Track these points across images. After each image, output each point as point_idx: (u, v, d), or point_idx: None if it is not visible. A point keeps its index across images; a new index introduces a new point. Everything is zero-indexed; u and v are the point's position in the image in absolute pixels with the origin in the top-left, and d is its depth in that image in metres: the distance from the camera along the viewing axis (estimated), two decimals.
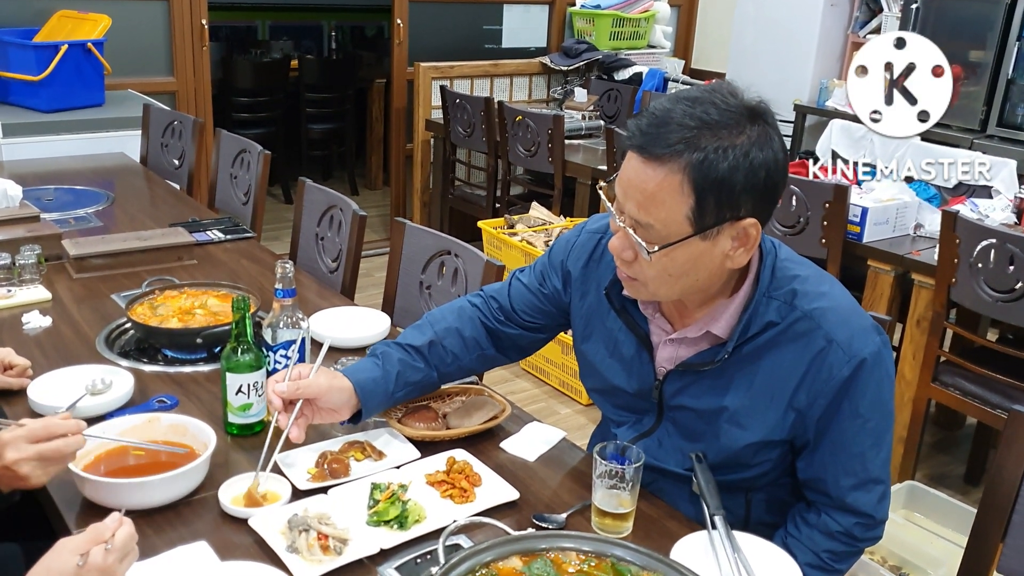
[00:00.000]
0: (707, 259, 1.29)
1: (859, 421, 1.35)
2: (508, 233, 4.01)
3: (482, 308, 1.65)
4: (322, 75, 6.17)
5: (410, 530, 1.34)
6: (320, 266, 2.64)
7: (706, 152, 1.21)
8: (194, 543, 1.30)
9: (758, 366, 1.37)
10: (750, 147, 1.22)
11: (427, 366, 1.58)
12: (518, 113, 4.39)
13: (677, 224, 1.25)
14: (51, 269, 2.29)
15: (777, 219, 3.20)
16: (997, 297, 2.64)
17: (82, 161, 3.49)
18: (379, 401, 1.53)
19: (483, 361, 1.66)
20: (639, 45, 5.66)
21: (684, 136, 1.21)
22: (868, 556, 2.60)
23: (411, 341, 1.59)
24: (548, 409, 3.58)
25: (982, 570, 1.47)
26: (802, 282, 1.36)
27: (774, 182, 1.26)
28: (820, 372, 1.33)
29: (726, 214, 1.25)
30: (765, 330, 1.35)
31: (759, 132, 1.24)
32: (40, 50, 3.64)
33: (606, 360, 1.52)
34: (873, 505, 1.39)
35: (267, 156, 3.06)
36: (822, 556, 1.40)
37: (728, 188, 1.22)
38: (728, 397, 1.39)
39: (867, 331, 1.34)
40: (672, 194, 1.23)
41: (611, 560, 1.18)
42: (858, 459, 1.37)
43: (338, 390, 1.47)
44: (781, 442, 1.40)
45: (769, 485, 1.47)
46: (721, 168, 1.21)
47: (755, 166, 1.23)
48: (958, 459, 3.41)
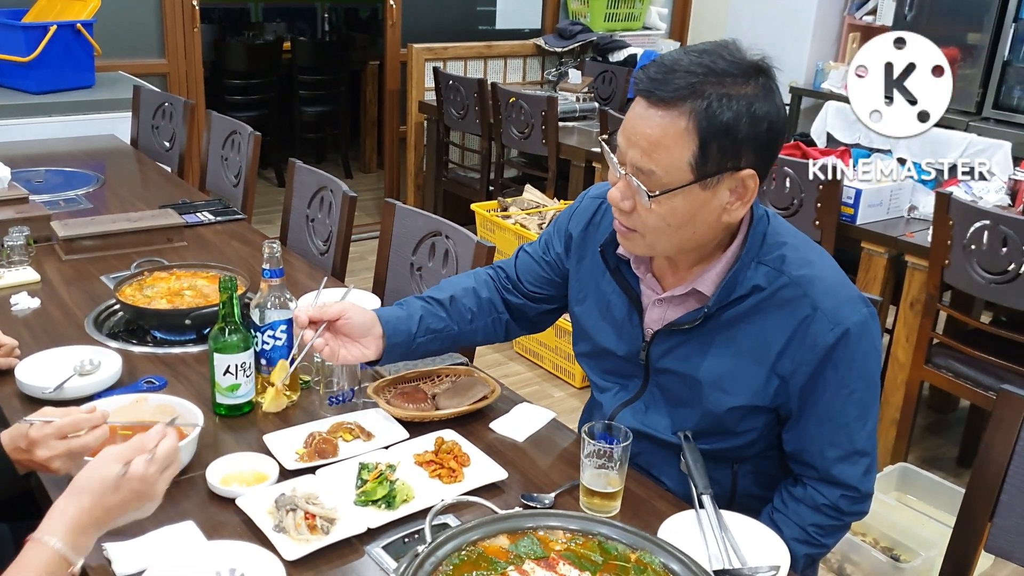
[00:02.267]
0: (705, 210, 1.30)
1: (845, 392, 1.35)
2: (502, 216, 3.99)
3: (494, 276, 1.68)
4: (315, 57, 6.13)
5: (398, 510, 1.34)
6: (311, 248, 2.63)
7: (711, 99, 1.23)
8: (181, 523, 1.30)
9: (743, 330, 1.38)
10: (754, 98, 1.24)
11: (448, 318, 1.60)
12: (512, 95, 4.37)
13: (679, 170, 1.26)
14: (40, 251, 2.28)
15: (771, 201, 3.20)
16: (990, 279, 2.64)
17: (72, 143, 3.47)
18: (402, 340, 1.53)
19: (497, 325, 1.67)
20: (634, 27, 5.63)
21: (691, 82, 1.23)
22: (860, 538, 2.61)
23: (432, 295, 1.62)
24: (541, 392, 3.58)
25: (970, 550, 1.47)
26: (791, 249, 1.37)
27: (775, 135, 1.28)
28: (805, 339, 1.34)
29: (727, 163, 1.26)
30: (752, 294, 1.36)
31: (763, 85, 1.26)
32: (29, 31, 3.61)
33: (599, 323, 1.54)
34: (859, 477, 1.39)
35: (258, 138, 3.04)
36: (809, 530, 1.41)
37: (731, 136, 1.24)
38: (713, 360, 1.40)
39: (854, 301, 1.34)
40: (676, 139, 1.24)
41: (598, 539, 1.17)
42: (844, 430, 1.37)
43: (361, 311, 1.50)
44: (765, 409, 1.40)
45: (755, 456, 1.48)
46: (725, 116, 1.23)
47: (758, 116, 1.25)
48: (951, 441, 3.42)
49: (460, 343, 1.65)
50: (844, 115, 4.14)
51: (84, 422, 1.31)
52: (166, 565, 1.18)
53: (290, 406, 1.64)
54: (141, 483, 1.13)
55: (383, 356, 1.53)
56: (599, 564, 1.14)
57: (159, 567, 1.18)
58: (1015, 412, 1.41)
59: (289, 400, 1.64)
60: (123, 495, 1.12)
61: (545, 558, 1.14)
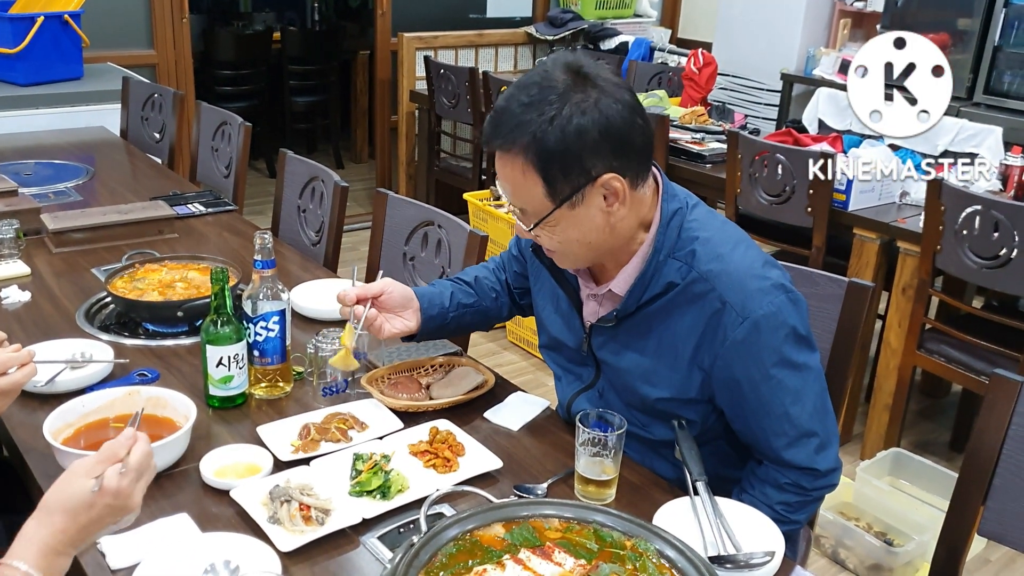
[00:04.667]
0: (587, 222, 1.34)
1: (772, 382, 1.37)
2: (494, 205, 3.98)
3: (500, 262, 1.76)
4: (305, 47, 6.09)
5: (393, 500, 1.34)
6: (303, 239, 2.62)
7: (532, 133, 1.28)
8: (175, 515, 1.29)
9: (660, 325, 1.41)
10: (572, 114, 1.27)
11: (476, 294, 1.69)
12: (503, 83, 4.35)
13: (540, 202, 1.33)
14: (30, 244, 2.27)
15: (763, 188, 3.20)
16: (982, 264, 2.64)
17: (61, 135, 3.45)
18: (437, 313, 1.62)
19: (515, 308, 1.75)
20: (625, 14, 5.61)
21: (516, 122, 1.29)
22: (854, 523, 2.62)
23: (458, 276, 1.72)
24: (535, 381, 3.58)
25: (963, 533, 1.48)
26: (703, 243, 1.38)
27: (616, 137, 1.29)
28: (716, 333, 1.36)
29: (578, 179, 1.30)
30: (667, 291, 1.39)
31: (582, 97, 1.28)
32: (16, 22, 3.57)
33: (552, 315, 1.59)
34: (811, 458, 1.40)
35: (248, 128, 3.02)
36: (777, 509, 1.42)
37: (566, 157, 1.28)
38: (635, 355, 1.45)
39: (764, 292, 1.35)
40: (523, 178, 1.31)
41: (593, 526, 1.17)
42: (783, 419, 1.38)
43: (400, 286, 1.58)
44: (698, 400, 1.43)
45: (710, 441, 1.49)
46: (550, 141, 1.27)
47: (583, 128, 1.27)
48: (943, 426, 3.44)
49: (489, 318, 1.73)
50: (835, 101, 4.14)
51: (13, 360, 1.33)
52: (161, 558, 1.18)
53: (283, 397, 1.64)
54: (116, 498, 1.04)
55: (421, 328, 1.60)
56: (594, 552, 1.14)
57: (154, 560, 1.18)
58: (1007, 396, 1.42)
59: (282, 391, 1.64)
60: (97, 511, 1.04)
61: (540, 546, 1.14)
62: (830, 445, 1.42)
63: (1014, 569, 2.64)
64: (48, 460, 1.38)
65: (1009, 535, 1.45)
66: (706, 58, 4.19)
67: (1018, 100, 4.19)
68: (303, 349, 1.73)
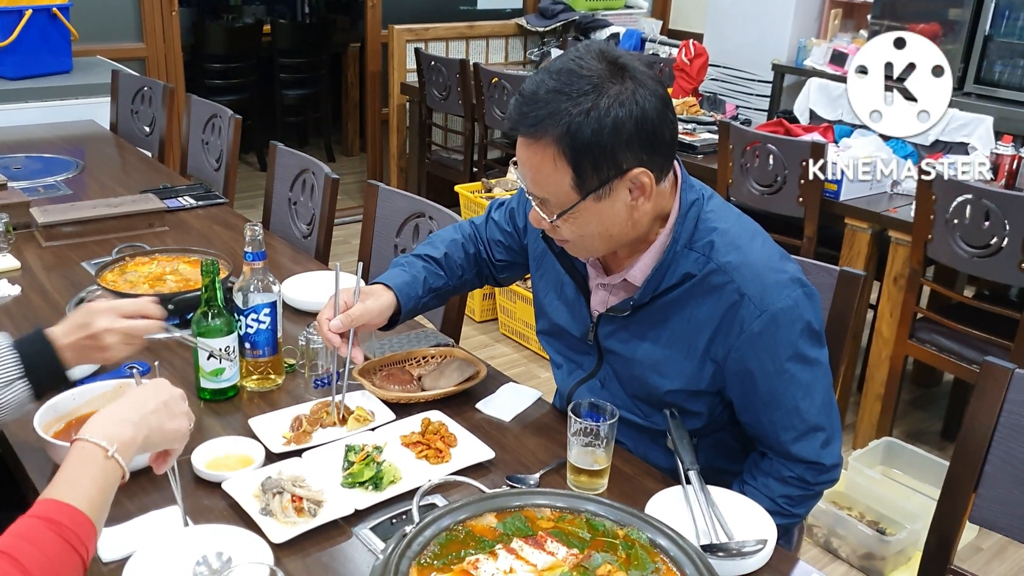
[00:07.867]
0: (611, 215, 1.32)
1: (785, 376, 1.36)
2: (486, 197, 3.98)
3: (472, 233, 1.73)
4: (296, 40, 6.07)
5: (385, 491, 1.34)
6: (294, 231, 2.62)
7: (568, 122, 1.24)
8: (167, 508, 1.29)
9: (676, 316, 1.40)
10: (610, 106, 1.24)
11: (445, 275, 1.67)
12: (494, 75, 4.35)
13: (566, 194, 1.30)
14: (20, 238, 2.26)
15: (755, 178, 3.20)
16: (973, 253, 2.65)
17: (50, 129, 3.43)
18: (411, 306, 1.62)
19: (480, 279, 1.75)
20: (616, 5, 5.60)
21: (549, 110, 1.25)
22: (847, 512, 2.63)
23: (429, 252, 1.68)
24: (528, 373, 3.58)
25: (955, 521, 1.48)
26: (721, 235, 1.37)
27: (649, 131, 1.27)
28: (733, 325, 1.35)
29: (608, 172, 1.28)
30: (683, 281, 1.38)
31: (619, 89, 1.25)
32: (3, 15, 3.55)
33: (554, 301, 1.57)
34: (817, 452, 1.41)
35: (238, 120, 3.01)
36: (778, 502, 1.43)
37: (599, 150, 1.25)
38: (649, 345, 1.43)
39: (782, 285, 1.35)
40: (551, 168, 1.28)
41: (585, 516, 1.17)
42: (792, 413, 1.38)
43: (377, 304, 1.55)
44: (707, 392, 1.43)
45: (713, 433, 1.50)
46: (586, 133, 1.24)
47: (620, 120, 1.25)
48: (935, 415, 3.45)
49: (448, 297, 1.74)
50: (826, 92, 4.15)
51: (146, 308, 1.39)
52: (153, 550, 1.18)
53: (275, 389, 1.64)
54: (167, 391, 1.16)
55: (394, 325, 1.62)
56: (587, 541, 1.14)
57: (146, 552, 1.17)
58: (998, 383, 1.42)
59: (274, 383, 1.64)
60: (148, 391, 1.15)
61: (533, 536, 1.14)
62: (835, 440, 1.43)
63: (1005, 557, 2.66)
64: (39, 454, 1.38)
65: (1000, 522, 1.45)
66: (697, 49, 4.18)
67: (1008, 89, 4.20)
68: (294, 341, 1.73)
